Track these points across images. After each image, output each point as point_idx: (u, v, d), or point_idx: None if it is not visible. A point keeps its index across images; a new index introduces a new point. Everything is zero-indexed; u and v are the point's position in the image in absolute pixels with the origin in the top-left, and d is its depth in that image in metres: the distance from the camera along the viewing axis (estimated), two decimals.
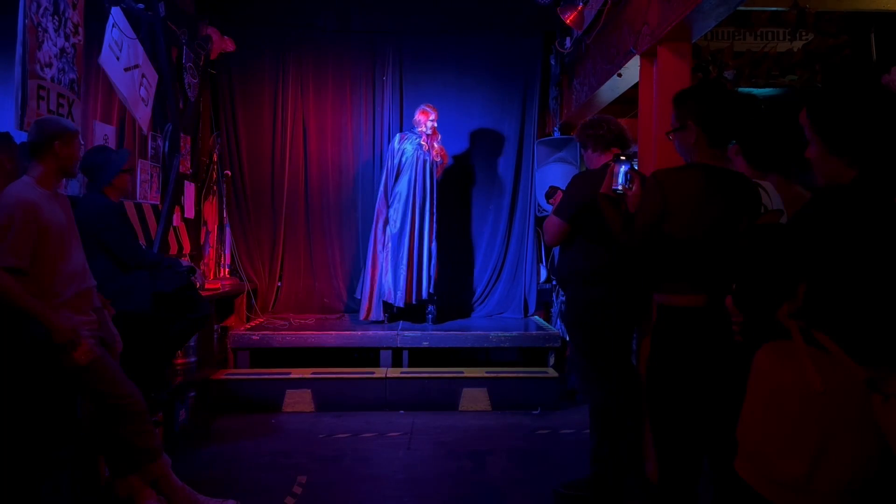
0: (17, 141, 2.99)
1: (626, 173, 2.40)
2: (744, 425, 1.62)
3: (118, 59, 3.94)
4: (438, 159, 5.48)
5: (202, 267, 5.59)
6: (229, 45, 5.64)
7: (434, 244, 5.45)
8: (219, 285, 5.39)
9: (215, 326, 5.10)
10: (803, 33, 4.78)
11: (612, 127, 3.13)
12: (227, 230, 5.90)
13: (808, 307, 1.55)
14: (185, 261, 4.69)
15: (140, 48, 4.22)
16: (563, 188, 3.63)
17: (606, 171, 2.46)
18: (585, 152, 3.22)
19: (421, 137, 5.44)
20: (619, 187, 2.40)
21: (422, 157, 5.44)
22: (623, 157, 2.43)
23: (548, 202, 3.63)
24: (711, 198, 2.22)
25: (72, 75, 3.42)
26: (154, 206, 4.64)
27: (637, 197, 2.34)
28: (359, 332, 5.20)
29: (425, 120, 5.42)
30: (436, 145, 5.47)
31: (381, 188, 5.57)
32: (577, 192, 3.07)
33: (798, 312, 1.55)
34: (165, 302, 3.36)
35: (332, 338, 5.14)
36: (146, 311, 3.25)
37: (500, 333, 5.20)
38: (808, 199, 1.63)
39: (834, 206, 1.54)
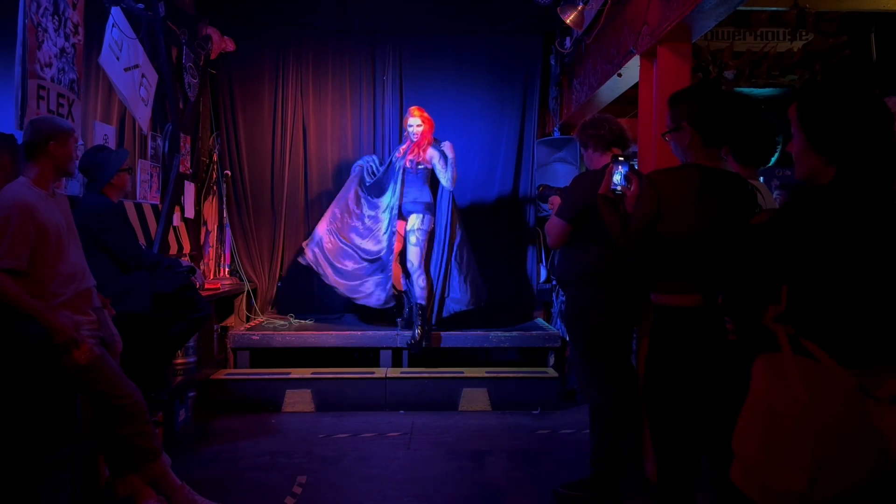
0: (21, 142, 2.99)
1: (624, 174, 2.40)
2: (740, 437, 1.62)
3: (118, 59, 3.94)
4: (409, 165, 5.13)
5: (202, 267, 5.59)
6: (229, 45, 5.64)
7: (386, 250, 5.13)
8: (219, 285, 5.39)
9: (215, 326, 5.10)
10: (803, 33, 4.79)
11: (613, 127, 3.13)
12: (227, 230, 5.90)
13: (791, 309, 1.56)
14: (185, 261, 4.69)
15: (140, 48, 4.22)
16: (553, 186, 3.63)
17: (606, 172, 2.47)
18: (586, 152, 3.21)
19: (404, 143, 5.22)
20: (618, 188, 2.41)
21: (395, 162, 5.24)
22: (621, 158, 2.43)
23: (542, 203, 3.62)
24: (706, 198, 2.22)
25: (72, 75, 3.42)
26: (154, 206, 4.64)
27: (635, 197, 2.34)
28: (359, 332, 5.20)
29: (406, 125, 5.20)
30: (421, 152, 5.10)
31: None
32: (579, 192, 3.06)
33: (782, 316, 1.56)
34: (165, 302, 3.36)
35: (332, 338, 5.14)
36: (146, 311, 3.25)
37: (500, 333, 5.20)
38: (785, 199, 1.65)
39: (811, 207, 1.55)
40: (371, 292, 5.15)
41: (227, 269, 5.86)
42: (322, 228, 5.29)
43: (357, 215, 5.31)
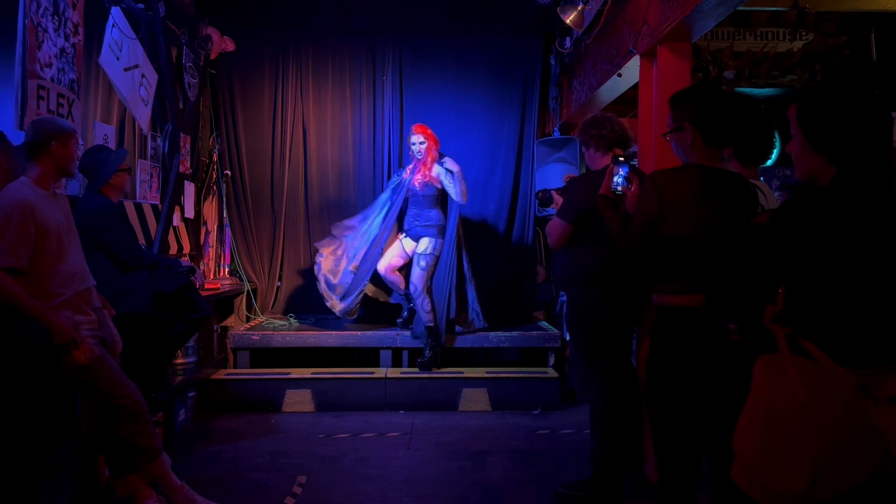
0: (15, 140, 2.99)
1: (624, 174, 2.40)
2: (741, 438, 1.62)
3: (118, 59, 3.94)
4: (417, 185, 5.00)
5: (202, 267, 5.59)
6: (229, 45, 5.64)
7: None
8: (219, 285, 5.39)
9: (215, 326, 5.10)
10: (803, 33, 4.80)
11: (615, 126, 3.13)
12: (227, 230, 5.90)
13: (789, 310, 1.56)
14: (185, 261, 4.69)
15: (140, 48, 4.22)
16: (554, 189, 3.62)
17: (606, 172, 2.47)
18: (587, 152, 3.20)
19: (411, 163, 5.14)
20: (618, 188, 2.41)
21: (403, 182, 5.15)
22: (622, 158, 2.43)
23: (542, 208, 3.60)
24: (708, 198, 2.22)
25: (72, 75, 3.42)
26: (154, 206, 4.64)
27: (636, 197, 2.34)
28: (358, 333, 5.20)
29: (409, 144, 5.09)
30: (427, 171, 4.97)
31: None
32: (580, 193, 3.06)
33: (780, 316, 1.56)
34: (165, 302, 3.36)
35: (332, 338, 5.14)
36: (146, 311, 3.25)
37: (500, 333, 5.20)
38: (785, 200, 1.66)
39: (812, 208, 1.55)
40: (338, 301, 5.12)
41: (227, 269, 5.86)
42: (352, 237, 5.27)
43: (382, 230, 5.21)
